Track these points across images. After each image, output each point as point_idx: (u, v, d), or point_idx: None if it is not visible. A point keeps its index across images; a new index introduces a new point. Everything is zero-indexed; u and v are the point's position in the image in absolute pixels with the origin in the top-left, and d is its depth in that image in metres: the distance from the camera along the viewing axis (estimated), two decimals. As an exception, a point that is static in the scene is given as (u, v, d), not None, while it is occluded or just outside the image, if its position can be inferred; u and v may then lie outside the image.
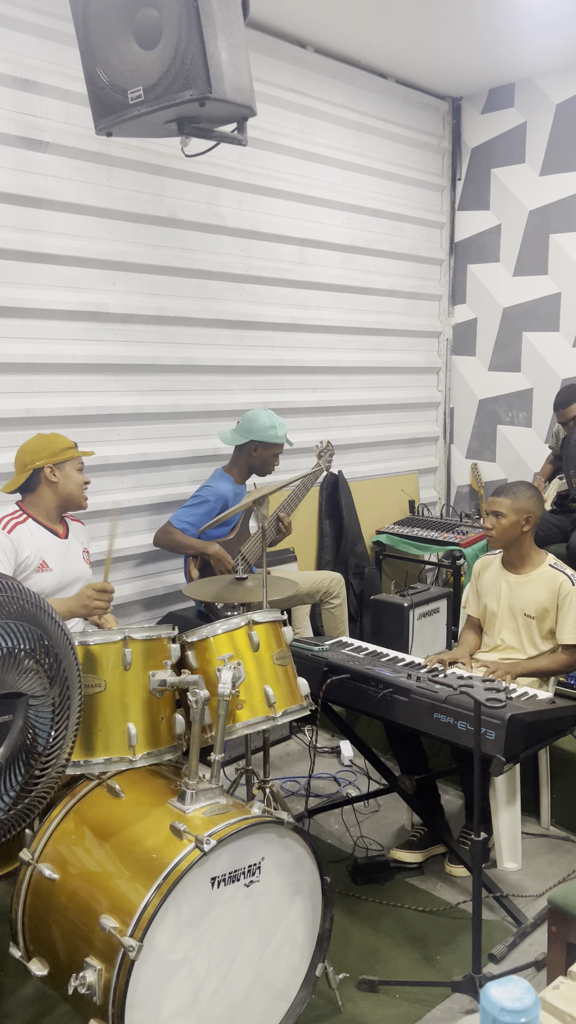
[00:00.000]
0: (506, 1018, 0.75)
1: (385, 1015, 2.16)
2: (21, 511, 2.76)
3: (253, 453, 3.58)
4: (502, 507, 2.90)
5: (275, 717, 2.16)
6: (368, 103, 4.60)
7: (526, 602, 2.91)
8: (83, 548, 2.91)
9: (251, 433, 3.54)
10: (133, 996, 1.72)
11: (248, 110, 2.55)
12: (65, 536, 2.83)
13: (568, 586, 2.85)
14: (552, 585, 2.87)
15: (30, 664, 1.56)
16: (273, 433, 3.55)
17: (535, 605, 2.90)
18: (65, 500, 2.79)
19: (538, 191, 4.78)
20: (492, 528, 2.92)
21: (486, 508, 2.96)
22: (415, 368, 5.15)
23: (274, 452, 3.61)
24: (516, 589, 2.95)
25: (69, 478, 2.77)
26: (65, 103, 3.32)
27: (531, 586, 2.92)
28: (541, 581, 2.90)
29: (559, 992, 1.22)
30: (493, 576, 3.03)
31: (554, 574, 2.90)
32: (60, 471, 2.76)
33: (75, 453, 2.80)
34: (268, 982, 2.00)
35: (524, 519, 2.89)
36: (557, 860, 2.86)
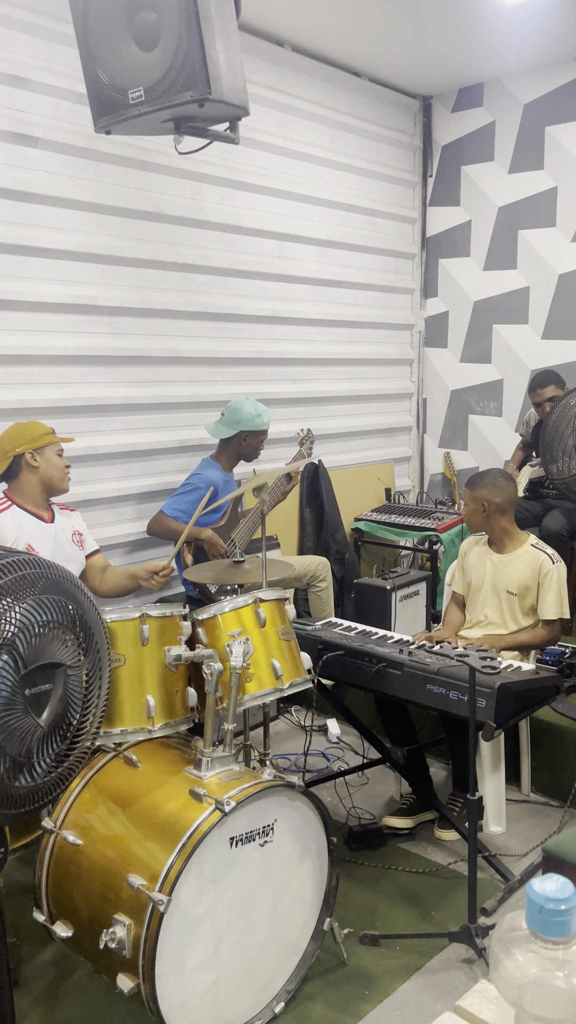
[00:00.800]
0: (551, 905, 0.88)
1: (388, 966, 2.30)
2: (6, 498, 2.82)
3: (243, 442, 3.70)
4: (465, 497, 3.17)
5: (282, 688, 2.28)
6: (343, 101, 4.72)
7: (509, 580, 3.08)
8: (73, 531, 2.96)
9: (239, 424, 3.65)
10: (161, 949, 1.83)
11: (242, 110, 2.65)
12: (51, 520, 2.89)
13: (548, 564, 3.02)
14: (534, 564, 3.05)
15: (66, 636, 1.66)
16: (260, 421, 3.67)
17: (518, 583, 3.07)
18: (47, 484, 2.85)
19: (507, 188, 4.95)
20: (464, 518, 3.19)
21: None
22: (389, 360, 5.30)
23: (260, 438, 3.74)
24: (500, 568, 3.12)
25: (50, 463, 2.83)
26: (55, 99, 3.38)
27: (514, 564, 3.09)
28: (523, 560, 3.08)
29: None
30: (478, 555, 3.20)
31: (535, 553, 3.07)
32: (41, 456, 2.82)
33: (54, 439, 2.86)
34: (281, 936, 2.13)
35: (481, 506, 3.09)
36: (538, 823, 3.03)
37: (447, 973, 2.28)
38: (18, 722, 1.54)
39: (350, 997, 2.20)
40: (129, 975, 1.88)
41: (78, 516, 3.04)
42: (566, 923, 0.88)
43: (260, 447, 3.76)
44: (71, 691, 1.69)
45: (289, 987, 2.16)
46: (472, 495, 3.12)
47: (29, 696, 1.57)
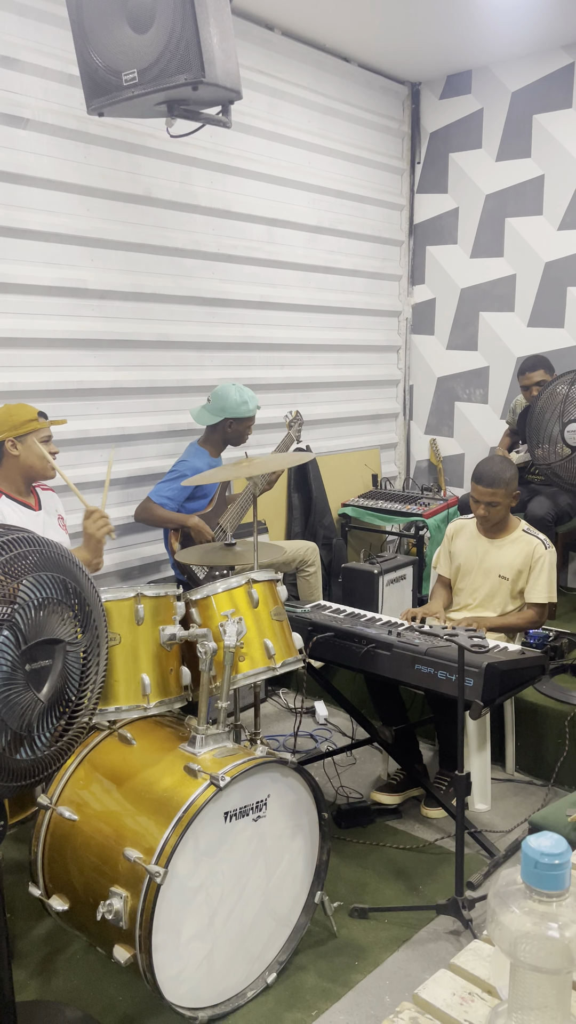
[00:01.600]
0: (545, 860, 0.93)
1: (377, 937, 2.36)
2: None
3: (228, 429, 3.71)
4: (498, 497, 3.05)
5: (275, 668, 2.31)
6: (333, 86, 4.72)
7: (501, 564, 3.13)
8: (58, 515, 2.95)
9: (224, 411, 3.67)
10: (158, 920, 1.87)
11: (235, 94, 2.66)
12: (38, 508, 2.86)
13: (541, 550, 3.08)
14: (527, 549, 3.10)
15: (65, 612, 1.68)
16: (245, 408, 3.67)
17: (510, 567, 3.11)
18: (28, 472, 2.78)
19: (494, 176, 4.98)
20: (487, 516, 3.09)
21: (479, 498, 3.07)
22: (376, 346, 5.32)
23: (247, 424, 3.75)
24: (492, 552, 3.16)
25: (31, 451, 2.74)
26: (45, 81, 3.36)
27: (506, 549, 3.14)
28: (516, 545, 3.12)
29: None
30: (468, 539, 3.24)
31: (528, 538, 3.12)
32: (22, 444, 2.74)
33: (36, 425, 2.75)
34: (273, 909, 2.17)
35: (513, 497, 3.10)
36: (522, 802, 3.09)
37: (435, 944, 2.34)
38: (19, 697, 1.56)
39: (340, 967, 2.25)
40: (126, 946, 1.92)
41: (56, 497, 3.00)
42: (559, 877, 0.93)
43: (247, 432, 3.77)
44: (70, 667, 1.71)
45: (281, 958, 2.21)
46: (508, 491, 3.05)
47: (29, 671, 1.59)
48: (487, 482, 3.06)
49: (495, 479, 3.05)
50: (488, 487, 3.05)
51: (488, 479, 3.06)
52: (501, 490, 3.05)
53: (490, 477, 3.06)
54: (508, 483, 3.06)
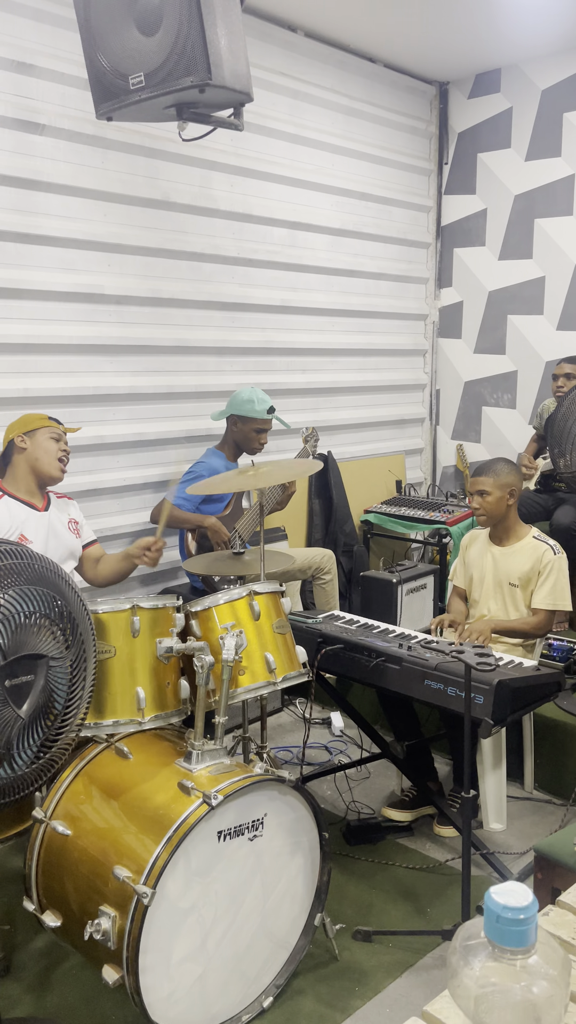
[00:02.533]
0: (508, 915, 0.86)
1: (380, 962, 2.29)
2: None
3: (234, 428, 3.67)
4: (486, 485, 3.02)
5: (276, 683, 2.26)
6: (357, 87, 4.66)
7: (511, 572, 3.05)
8: (69, 519, 2.91)
9: (231, 408, 3.64)
10: (146, 941, 1.82)
11: (246, 96, 2.62)
12: (45, 509, 2.83)
13: (550, 555, 2.98)
14: (535, 554, 3.01)
15: (49, 627, 1.65)
16: (250, 407, 3.61)
17: (519, 574, 3.03)
18: (35, 468, 2.76)
19: (523, 176, 4.87)
20: (479, 507, 3.04)
21: (469, 489, 3.07)
22: (402, 350, 5.24)
23: (254, 428, 3.66)
24: (501, 561, 3.08)
25: (39, 445, 2.75)
26: (61, 86, 3.36)
27: (516, 557, 3.05)
28: (525, 552, 3.04)
29: (548, 918, 1.34)
30: (479, 549, 3.16)
31: (537, 544, 3.03)
32: (31, 438, 2.75)
33: (47, 423, 2.79)
34: (271, 931, 2.11)
35: (508, 493, 3.02)
36: (540, 821, 2.99)
37: (439, 971, 2.26)
38: (-3, 713, 1.53)
39: (340, 992, 2.18)
40: (114, 967, 1.88)
41: (76, 506, 3.00)
42: (524, 932, 0.86)
43: (255, 438, 3.68)
44: (54, 683, 1.68)
45: (278, 981, 2.15)
46: (498, 482, 3.00)
47: (9, 687, 1.56)
48: (476, 471, 3.07)
49: (483, 468, 3.05)
50: (479, 475, 3.05)
51: (479, 470, 3.07)
52: (489, 478, 3.01)
53: (480, 468, 3.07)
54: (498, 473, 3.02)
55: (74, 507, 3.00)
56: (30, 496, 2.81)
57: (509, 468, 3.05)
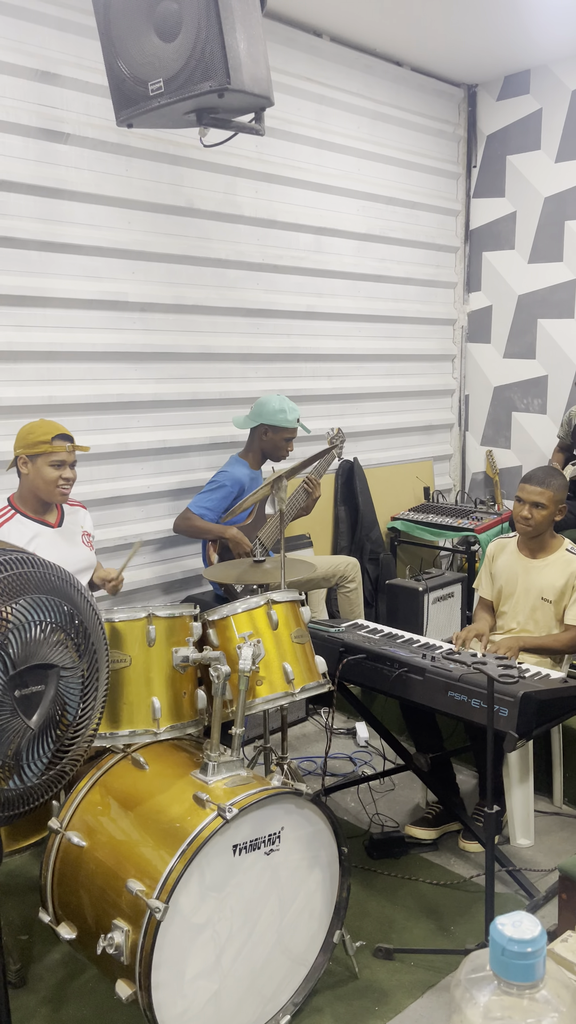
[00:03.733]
0: (514, 947, 0.81)
1: (401, 981, 2.23)
2: (9, 507, 2.73)
3: (263, 437, 3.64)
4: (544, 499, 2.92)
5: (294, 693, 2.22)
6: (384, 91, 4.62)
7: (544, 586, 2.97)
8: (83, 531, 2.86)
9: (260, 417, 3.60)
10: (159, 956, 1.79)
11: (266, 100, 2.60)
12: (58, 524, 2.78)
13: None
14: (569, 568, 2.93)
15: (60, 637, 1.62)
16: (282, 417, 3.58)
17: (553, 588, 2.95)
18: (35, 493, 2.70)
19: (553, 178, 4.79)
20: (531, 518, 2.94)
21: (524, 498, 2.94)
22: (430, 356, 5.18)
23: (284, 436, 3.64)
24: (533, 573, 3.00)
25: (38, 474, 2.65)
26: (85, 95, 3.37)
27: (549, 570, 2.97)
28: (558, 565, 2.96)
29: (568, 945, 1.28)
30: (508, 560, 3.08)
31: (570, 558, 2.95)
32: (32, 464, 2.66)
33: (46, 448, 2.63)
34: (288, 947, 2.07)
35: (558, 509, 2.95)
36: (569, 837, 2.91)
37: (462, 992, 2.19)
38: (6, 723, 1.51)
39: (359, 1012, 2.13)
40: (127, 982, 1.85)
41: (85, 513, 2.93)
42: (531, 967, 0.81)
43: (284, 447, 3.66)
44: (66, 693, 1.65)
45: (296, 1000, 2.11)
46: (555, 497, 2.92)
47: (19, 697, 1.54)
48: (536, 481, 2.96)
49: (544, 479, 2.96)
50: (537, 486, 2.95)
51: (537, 479, 2.97)
52: (549, 492, 2.93)
53: (539, 477, 2.97)
54: (557, 489, 2.95)
55: (84, 516, 2.93)
56: (41, 513, 2.75)
57: (562, 483, 2.99)
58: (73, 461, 2.71)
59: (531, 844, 2.72)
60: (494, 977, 0.83)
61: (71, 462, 2.70)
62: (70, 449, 2.69)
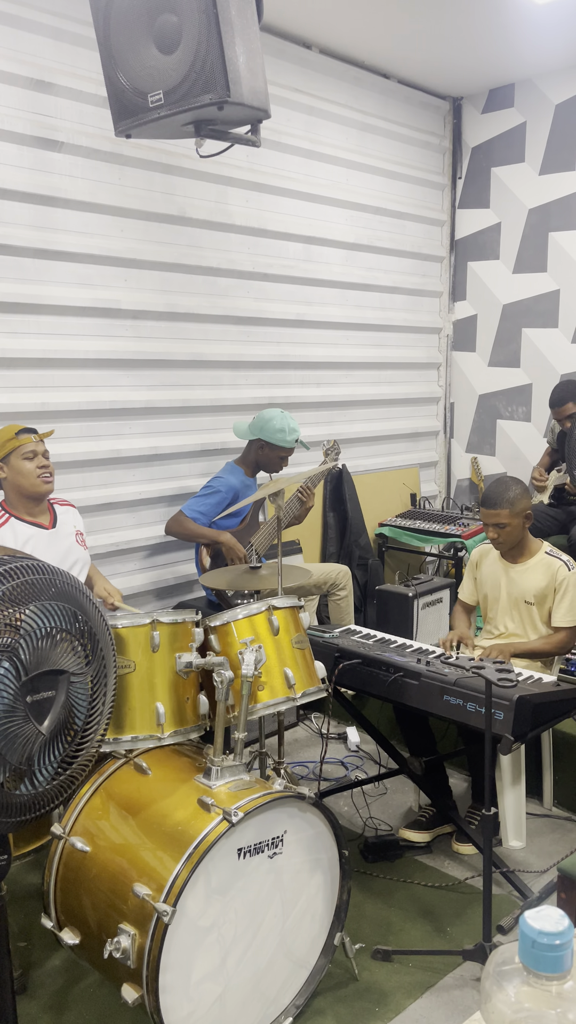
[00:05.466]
0: (544, 939, 0.84)
1: (400, 982, 2.26)
2: (3, 511, 2.76)
3: (259, 451, 3.66)
4: (503, 518, 2.94)
5: (295, 698, 2.24)
6: (371, 103, 4.68)
7: (525, 589, 3.02)
8: (75, 531, 2.89)
9: (261, 432, 3.62)
10: (166, 959, 1.81)
11: (263, 113, 2.63)
12: (52, 525, 2.81)
13: (565, 571, 2.96)
14: (550, 571, 2.98)
15: (70, 643, 1.64)
16: (281, 437, 3.60)
17: (534, 591, 3.00)
18: (20, 491, 2.72)
19: (537, 190, 4.88)
20: (498, 537, 2.98)
21: (485, 521, 2.98)
22: (416, 364, 5.24)
23: (280, 454, 3.66)
24: (515, 578, 3.05)
25: (16, 471, 2.70)
26: (79, 104, 3.39)
27: (529, 573, 3.03)
28: (539, 568, 3.01)
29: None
30: (491, 566, 3.13)
31: (551, 560, 3.01)
32: (7, 465, 2.71)
33: (14, 444, 2.69)
34: (290, 950, 2.09)
35: (524, 517, 2.98)
36: (560, 839, 2.96)
37: (460, 991, 2.23)
38: (19, 729, 1.52)
39: (360, 1013, 2.16)
40: (133, 986, 1.86)
41: (75, 512, 2.96)
42: (560, 958, 0.84)
43: (279, 463, 3.68)
44: (75, 698, 1.67)
45: (298, 1002, 2.13)
46: (514, 511, 2.93)
47: (31, 703, 1.55)
48: (489, 503, 2.95)
49: (497, 499, 2.94)
50: (491, 508, 2.94)
51: (490, 500, 2.95)
52: (505, 510, 2.93)
53: (492, 499, 2.95)
54: (513, 502, 2.93)
55: (76, 516, 2.95)
56: (34, 515, 2.78)
57: (521, 491, 2.98)
58: (44, 451, 2.77)
59: (523, 846, 2.77)
60: (523, 969, 0.86)
61: (42, 451, 2.76)
62: (37, 439, 2.75)
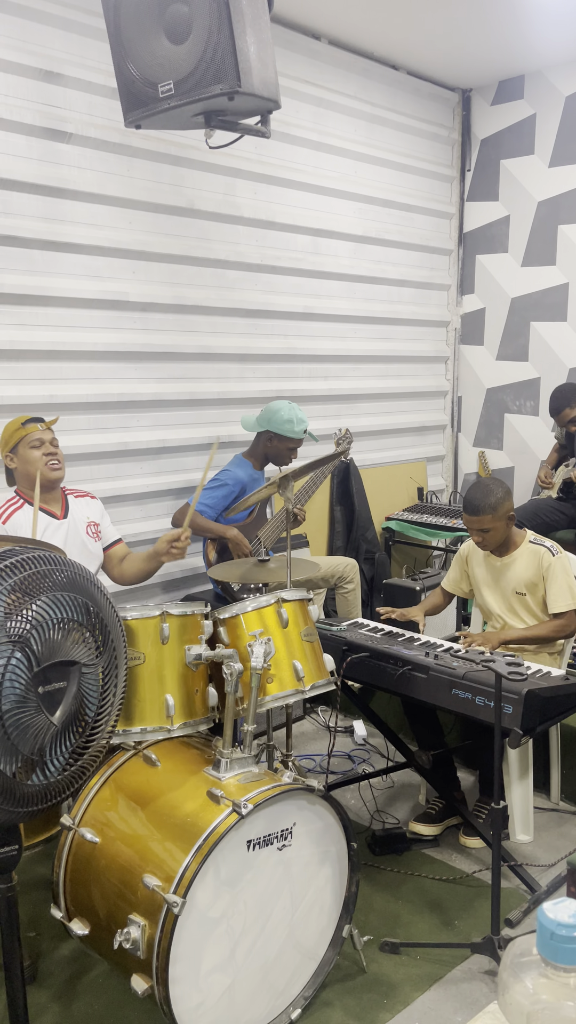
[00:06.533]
0: (563, 931, 0.84)
1: (408, 974, 2.26)
2: (18, 497, 2.76)
3: (268, 443, 3.66)
4: (485, 523, 2.92)
5: (304, 691, 2.25)
6: (380, 95, 4.66)
7: (515, 581, 3.02)
8: (88, 522, 2.87)
9: (269, 424, 3.61)
10: (176, 950, 1.81)
11: (273, 103, 2.62)
12: (63, 516, 2.80)
13: (549, 557, 2.96)
14: (535, 559, 2.98)
15: (81, 634, 1.64)
16: (289, 427, 3.59)
17: (523, 581, 3.00)
18: (31, 481, 2.71)
19: (547, 182, 4.85)
20: (483, 541, 2.98)
21: (468, 527, 2.98)
22: (424, 357, 5.23)
23: (289, 446, 3.66)
24: (503, 571, 3.05)
25: (24, 460, 2.72)
26: (88, 95, 3.38)
27: (516, 565, 3.03)
28: (525, 557, 3.01)
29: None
30: (481, 560, 3.13)
31: (535, 548, 3.00)
32: (16, 455, 2.73)
33: (20, 434, 2.72)
34: (299, 941, 2.10)
35: (507, 518, 2.97)
36: (567, 833, 2.96)
37: (468, 984, 2.23)
38: (31, 720, 1.53)
39: (368, 1005, 2.16)
40: (143, 976, 1.86)
41: (97, 504, 2.93)
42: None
43: (288, 455, 3.67)
44: (86, 689, 1.67)
45: (306, 993, 2.13)
46: (497, 516, 2.91)
47: (42, 694, 1.55)
48: (471, 510, 2.93)
49: (477, 506, 2.91)
50: (473, 515, 2.92)
51: (471, 507, 2.93)
52: (487, 516, 2.91)
53: (474, 505, 2.92)
54: (495, 507, 2.91)
55: (95, 506, 2.93)
56: (47, 503, 2.77)
57: (502, 494, 2.94)
58: (52, 439, 2.77)
59: (531, 840, 2.77)
60: (541, 961, 0.86)
61: (50, 439, 2.76)
62: (43, 427, 2.76)
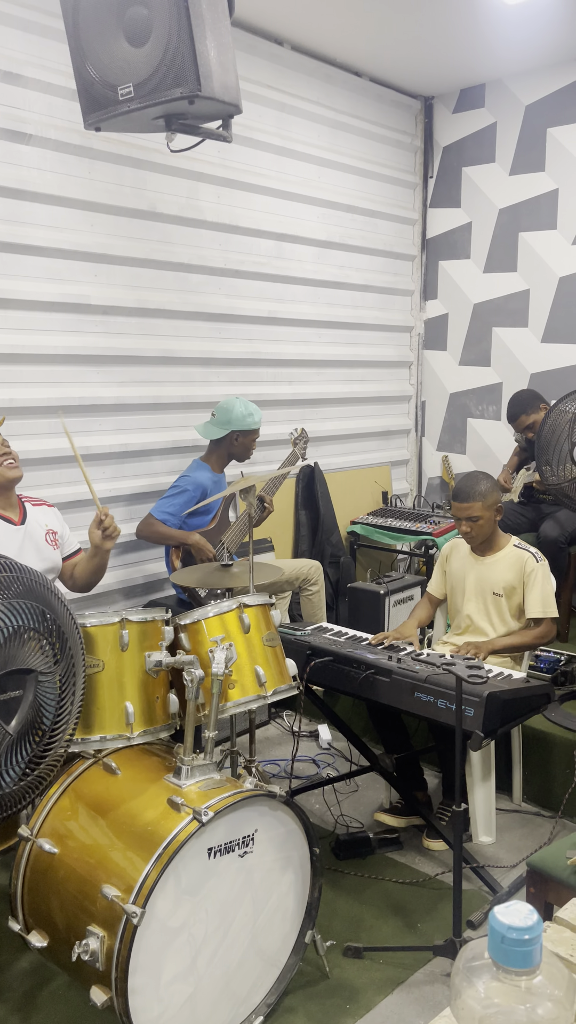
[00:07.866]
0: (513, 935, 0.84)
1: (371, 979, 2.26)
2: None
3: (235, 442, 3.66)
4: (475, 510, 2.97)
5: (265, 696, 2.24)
6: (343, 101, 4.68)
7: (494, 581, 3.05)
8: (47, 530, 2.81)
9: (230, 424, 3.62)
10: (135, 961, 1.79)
11: (234, 108, 2.62)
12: (20, 522, 2.73)
13: (533, 563, 2.99)
14: (518, 563, 3.01)
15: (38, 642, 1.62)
16: (250, 420, 3.63)
17: (503, 583, 3.03)
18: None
19: (507, 190, 4.91)
20: (471, 531, 3.01)
21: (458, 515, 3.01)
22: (388, 362, 5.25)
23: (253, 438, 3.70)
24: (484, 571, 3.08)
25: None
26: (48, 96, 3.35)
27: (498, 566, 3.05)
28: (507, 560, 3.04)
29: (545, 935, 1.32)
30: (461, 560, 3.16)
31: (519, 553, 3.04)
32: None
33: None
34: (261, 949, 2.09)
35: (495, 511, 3.02)
36: (529, 834, 2.98)
37: (431, 987, 2.24)
38: (-15, 730, 1.50)
39: (331, 1010, 2.16)
40: (102, 988, 1.84)
41: (54, 513, 2.88)
42: (529, 953, 0.84)
43: (252, 447, 3.72)
44: (43, 698, 1.65)
45: (269, 1000, 2.12)
46: (486, 504, 2.97)
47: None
48: (462, 497, 3.00)
49: (469, 493, 2.98)
50: (463, 502, 2.99)
51: (463, 494, 3.00)
52: (477, 503, 2.97)
53: (464, 492, 2.99)
54: (485, 495, 2.98)
55: (53, 515, 2.87)
56: (3, 509, 2.69)
57: (491, 484, 3.02)
58: (2, 440, 2.69)
59: (493, 841, 2.79)
60: (493, 965, 0.86)
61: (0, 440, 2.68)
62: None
